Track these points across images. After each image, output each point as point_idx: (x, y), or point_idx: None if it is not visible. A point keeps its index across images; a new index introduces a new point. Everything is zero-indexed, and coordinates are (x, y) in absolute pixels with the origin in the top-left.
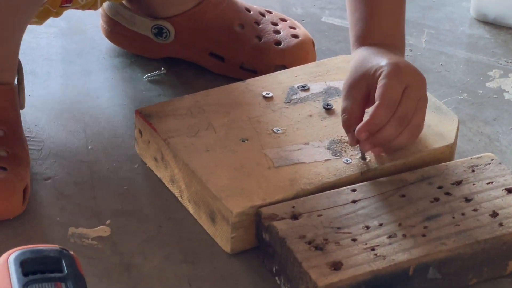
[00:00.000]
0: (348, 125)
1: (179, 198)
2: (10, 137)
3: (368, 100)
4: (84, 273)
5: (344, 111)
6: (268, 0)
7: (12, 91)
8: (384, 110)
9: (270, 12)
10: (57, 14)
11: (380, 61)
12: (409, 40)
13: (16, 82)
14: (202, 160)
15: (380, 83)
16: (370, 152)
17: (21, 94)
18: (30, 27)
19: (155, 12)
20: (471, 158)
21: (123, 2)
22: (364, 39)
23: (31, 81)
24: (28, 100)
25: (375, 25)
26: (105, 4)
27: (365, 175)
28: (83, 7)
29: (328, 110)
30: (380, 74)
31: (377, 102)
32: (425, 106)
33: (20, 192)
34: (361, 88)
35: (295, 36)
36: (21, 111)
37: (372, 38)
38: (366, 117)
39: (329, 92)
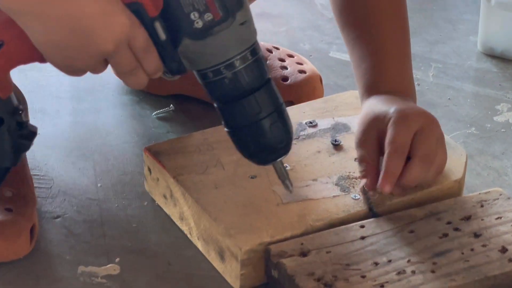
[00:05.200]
0: (366, 175)
1: (188, 235)
2: (15, 176)
3: (381, 147)
4: None
5: (360, 161)
6: (276, 35)
7: None
8: (394, 156)
9: (278, 48)
10: None
11: (389, 108)
12: (416, 74)
13: None
14: (211, 197)
15: (389, 130)
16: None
17: None
18: (38, 65)
19: None
20: (479, 193)
21: None
22: (373, 89)
23: (40, 119)
24: (37, 138)
25: (383, 74)
26: None
27: (373, 211)
28: None
29: (336, 146)
30: (388, 121)
31: (386, 151)
32: (444, 143)
33: (27, 232)
34: (373, 135)
35: (302, 71)
36: (30, 149)
37: (381, 88)
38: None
39: (337, 128)
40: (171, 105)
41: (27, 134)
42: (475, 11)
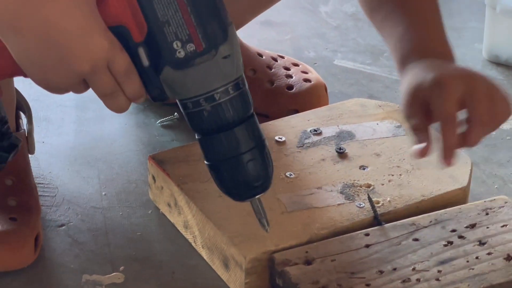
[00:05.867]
0: (421, 141)
1: (193, 244)
2: (19, 185)
3: (429, 113)
4: None
5: (414, 129)
6: (280, 43)
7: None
8: (447, 128)
9: (283, 57)
10: None
11: (429, 74)
12: None
13: (24, 127)
14: (215, 206)
15: (432, 100)
16: (383, 195)
17: (30, 140)
18: None
19: None
20: (484, 201)
21: None
22: (412, 55)
23: (45, 127)
24: (42, 146)
25: (420, 40)
26: None
27: (378, 220)
28: None
29: (341, 154)
30: (430, 89)
31: (439, 124)
32: (498, 92)
33: (31, 241)
34: (419, 103)
35: (307, 80)
36: (35, 157)
37: (420, 52)
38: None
39: (341, 135)
40: (176, 113)
41: (7, 146)
42: (480, 19)
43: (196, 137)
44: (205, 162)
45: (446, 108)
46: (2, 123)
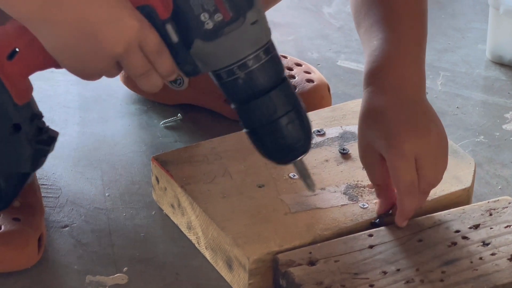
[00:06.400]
0: (380, 195)
1: (196, 245)
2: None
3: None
4: None
5: (374, 183)
6: (284, 44)
7: None
8: (406, 196)
9: (286, 57)
10: None
11: (381, 139)
12: None
13: None
14: (219, 207)
15: (390, 168)
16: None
17: None
18: (46, 75)
19: None
20: (488, 202)
21: None
22: (377, 77)
23: None
24: None
25: (393, 62)
26: None
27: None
28: None
29: (344, 154)
30: (383, 152)
31: (398, 193)
32: (443, 165)
33: (34, 242)
34: (376, 158)
35: (310, 80)
36: None
37: (386, 77)
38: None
39: (345, 136)
40: (179, 114)
41: (46, 139)
42: (484, 20)
43: (232, 106)
44: (244, 130)
45: (405, 175)
46: (39, 117)
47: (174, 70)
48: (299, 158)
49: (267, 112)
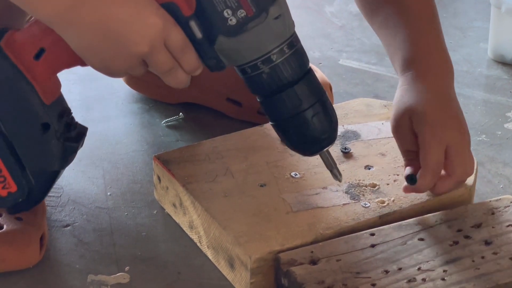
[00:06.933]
0: (409, 165)
1: (198, 244)
2: None
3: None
4: None
5: (403, 149)
6: None
7: None
8: (427, 176)
9: None
10: None
11: (422, 106)
12: None
13: None
14: (220, 206)
15: (421, 145)
16: (388, 195)
17: None
18: None
19: None
20: (490, 201)
21: None
22: (410, 63)
23: None
24: None
25: (420, 48)
26: None
27: (383, 219)
28: None
29: (346, 153)
30: (419, 126)
31: (422, 169)
32: (471, 161)
33: (36, 241)
34: (407, 131)
35: None
36: None
37: (419, 63)
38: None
39: (346, 135)
40: (181, 113)
41: (75, 136)
42: (486, 18)
43: (258, 99)
44: (270, 122)
45: (434, 156)
46: (68, 113)
47: (199, 66)
48: (325, 149)
49: (292, 105)
